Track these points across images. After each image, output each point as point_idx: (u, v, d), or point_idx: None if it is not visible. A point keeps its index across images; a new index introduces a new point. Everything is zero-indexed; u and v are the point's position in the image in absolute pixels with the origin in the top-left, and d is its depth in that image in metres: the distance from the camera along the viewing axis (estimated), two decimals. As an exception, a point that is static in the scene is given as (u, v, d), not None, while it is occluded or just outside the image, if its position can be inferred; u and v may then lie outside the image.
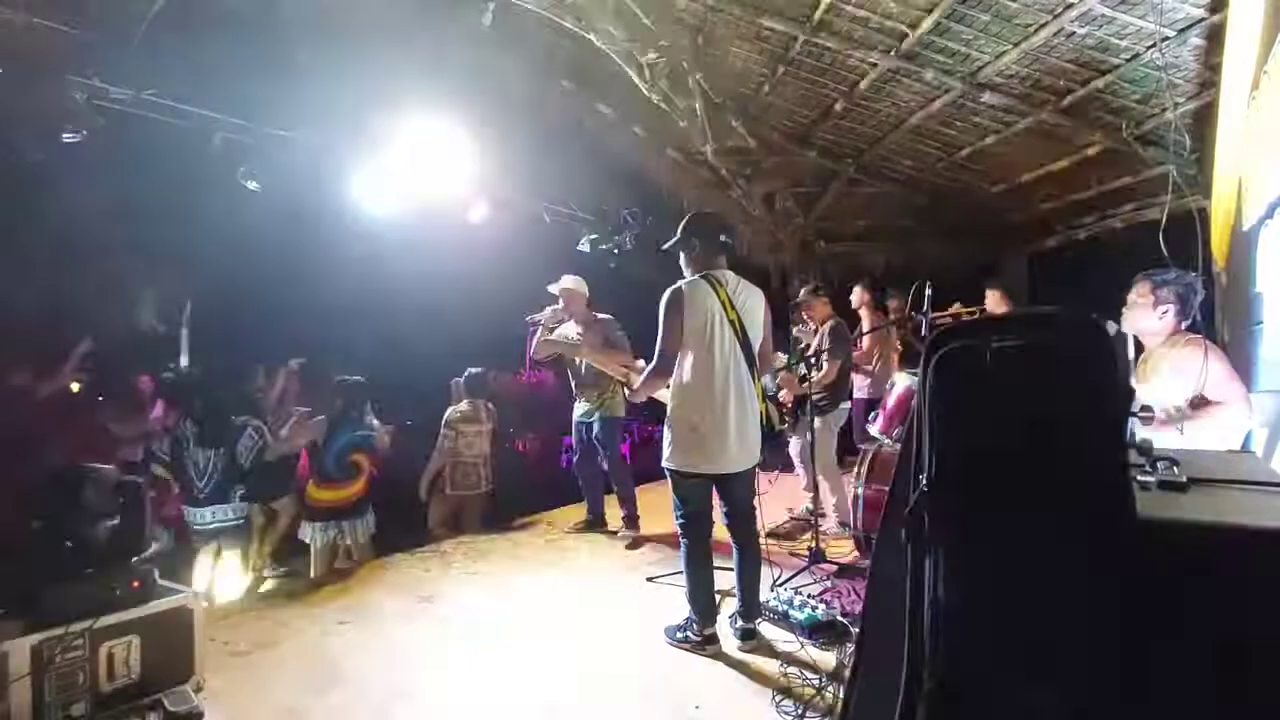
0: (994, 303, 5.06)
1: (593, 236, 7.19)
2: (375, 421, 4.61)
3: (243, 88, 4.78)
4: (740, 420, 2.82)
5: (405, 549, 4.47)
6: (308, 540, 4.29)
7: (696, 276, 2.88)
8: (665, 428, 2.89)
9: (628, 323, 4.50)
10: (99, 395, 4.78)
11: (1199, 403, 2.43)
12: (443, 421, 5.17)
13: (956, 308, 5.19)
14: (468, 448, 5.17)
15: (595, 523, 4.81)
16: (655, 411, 3.57)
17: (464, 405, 5.23)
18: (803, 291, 4.93)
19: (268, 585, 4.59)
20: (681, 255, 3.01)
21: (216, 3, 4.27)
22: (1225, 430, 2.38)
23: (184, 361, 5.96)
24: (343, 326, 7.01)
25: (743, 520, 2.95)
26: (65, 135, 3.96)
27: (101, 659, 2.27)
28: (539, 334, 4.43)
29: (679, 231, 3.00)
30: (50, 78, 3.96)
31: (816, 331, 4.70)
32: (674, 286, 2.86)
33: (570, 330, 4.48)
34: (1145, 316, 2.65)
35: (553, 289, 4.53)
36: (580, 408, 4.68)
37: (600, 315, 4.48)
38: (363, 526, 4.38)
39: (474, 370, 5.39)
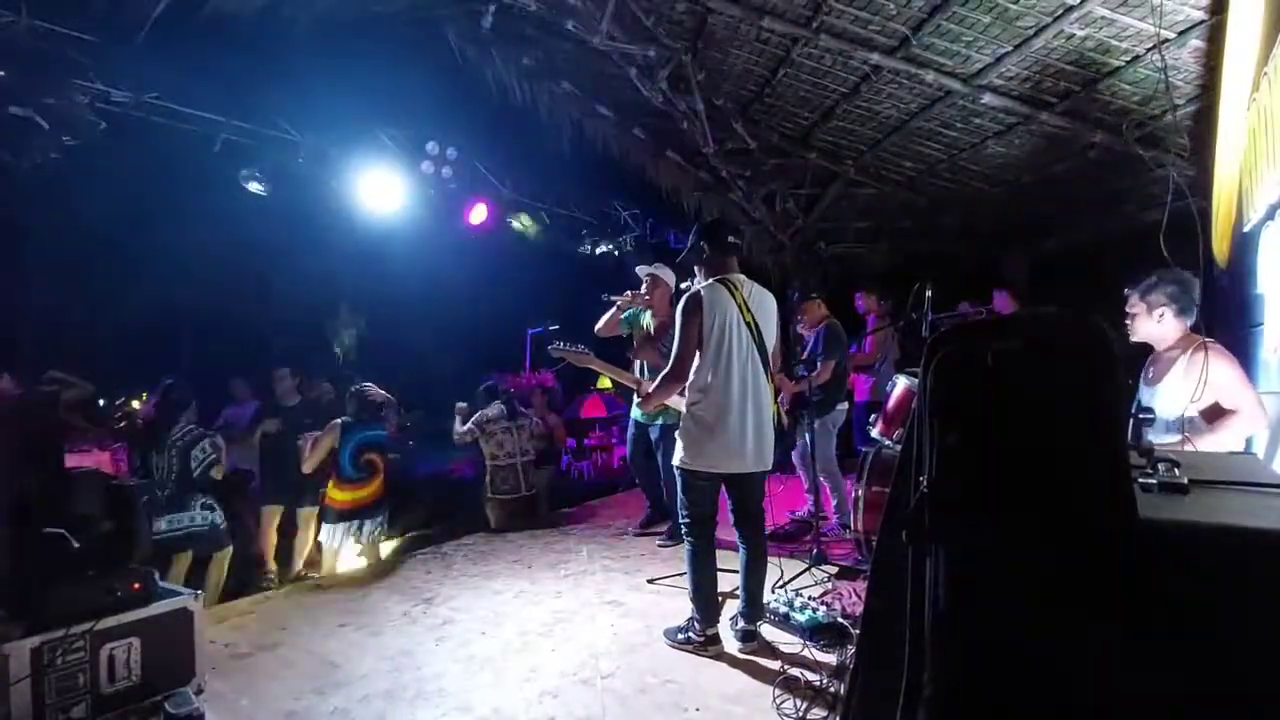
0: (1003, 303, 5.05)
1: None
2: (389, 424, 4.64)
3: (244, 90, 4.80)
4: (756, 422, 2.85)
5: (406, 551, 4.47)
6: (325, 541, 4.29)
7: (713, 281, 2.89)
8: (681, 429, 2.90)
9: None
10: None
11: (1212, 413, 2.41)
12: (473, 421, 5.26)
13: (965, 306, 5.16)
14: (499, 448, 5.19)
15: (655, 520, 4.77)
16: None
17: (492, 409, 5.26)
18: (797, 295, 4.91)
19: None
20: (695, 263, 3.03)
21: (218, 6, 4.28)
22: (1240, 438, 2.37)
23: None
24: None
25: (751, 522, 2.96)
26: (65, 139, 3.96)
27: (102, 661, 2.28)
28: (611, 312, 4.38)
29: (689, 240, 3.04)
30: (52, 80, 3.96)
31: (814, 332, 4.70)
32: (692, 291, 2.87)
33: (646, 320, 4.45)
34: (1145, 324, 2.65)
35: (641, 272, 4.42)
36: (640, 411, 4.52)
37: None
38: (379, 526, 4.40)
39: (484, 386, 5.45)
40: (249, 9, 4.43)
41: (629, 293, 4.39)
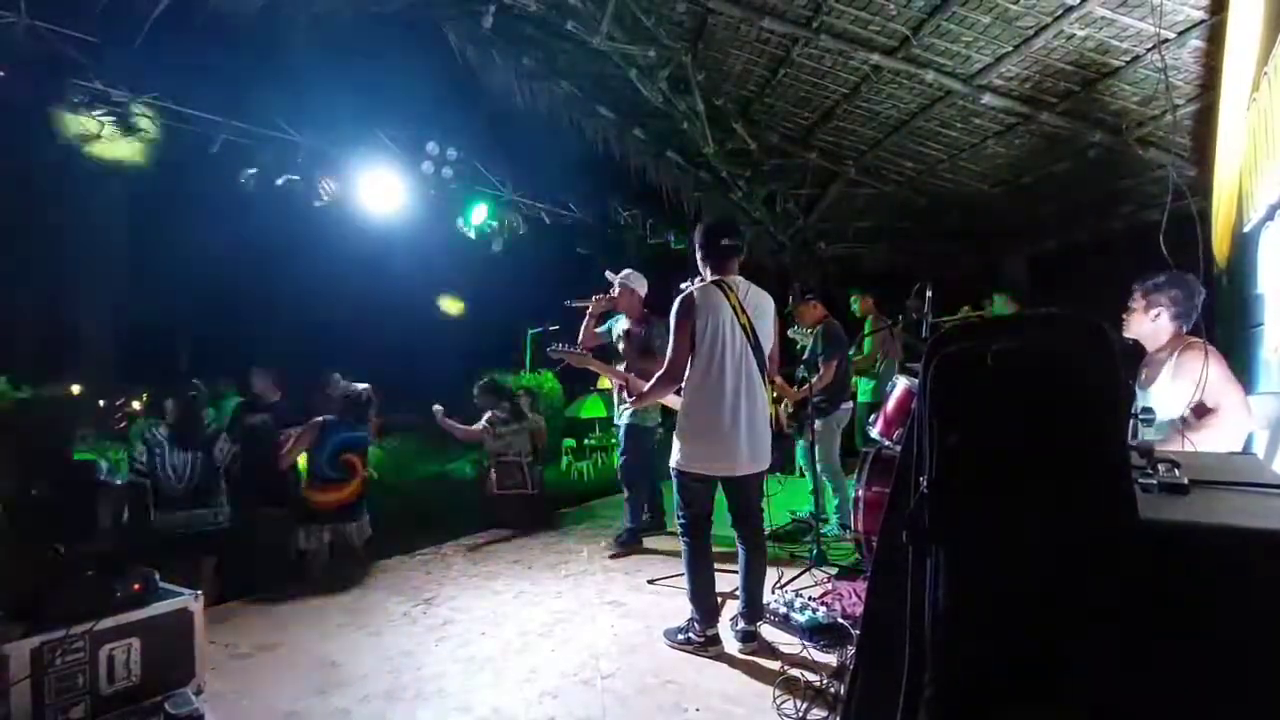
0: (1002, 306, 5.05)
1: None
2: (371, 427, 4.63)
3: (244, 90, 4.80)
4: (751, 423, 2.85)
5: (406, 551, 4.47)
6: (302, 544, 4.24)
7: (708, 282, 2.91)
8: (676, 430, 2.91)
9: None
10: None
11: (1200, 410, 2.41)
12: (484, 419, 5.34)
13: (965, 312, 5.15)
14: (508, 447, 5.27)
15: (652, 528, 4.70)
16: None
17: (501, 409, 5.31)
18: (791, 298, 4.90)
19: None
20: (698, 262, 3.05)
21: (217, 6, 4.28)
22: (1226, 437, 2.37)
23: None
24: (341, 328, 7.03)
25: (750, 522, 2.97)
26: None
27: (102, 661, 2.27)
28: (586, 322, 4.37)
29: (691, 240, 3.09)
30: (52, 81, 3.97)
31: (811, 335, 4.69)
32: (685, 293, 2.88)
33: (621, 325, 4.45)
34: (1140, 322, 2.65)
35: (611, 276, 4.42)
36: (618, 411, 4.52)
37: (654, 316, 4.34)
38: (358, 529, 4.33)
39: (482, 384, 5.49)
40: (249, 9, 4.43)
41: (595, 297, 4.39)
